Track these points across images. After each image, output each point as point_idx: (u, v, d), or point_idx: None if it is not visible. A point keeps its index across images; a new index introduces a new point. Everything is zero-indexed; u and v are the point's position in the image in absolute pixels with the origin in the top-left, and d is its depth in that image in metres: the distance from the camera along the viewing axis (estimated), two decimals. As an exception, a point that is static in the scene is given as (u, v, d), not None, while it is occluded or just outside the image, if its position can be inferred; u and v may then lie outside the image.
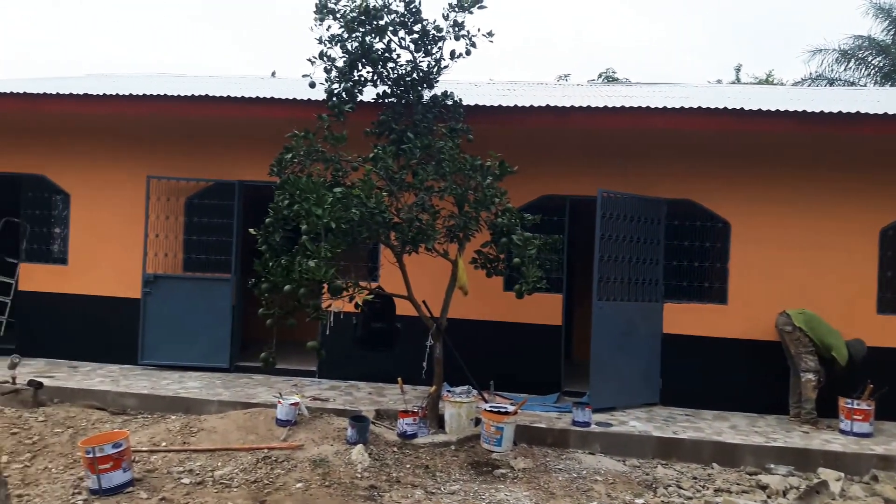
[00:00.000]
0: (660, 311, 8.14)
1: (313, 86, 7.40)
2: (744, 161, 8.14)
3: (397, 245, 6.66)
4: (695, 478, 6.23)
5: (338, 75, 7.41)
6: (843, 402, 7.24)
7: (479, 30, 7.35)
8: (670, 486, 5.95)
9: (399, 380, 7.22)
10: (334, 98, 7.43)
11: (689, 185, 8.19)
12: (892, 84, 19.89)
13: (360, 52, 7.34)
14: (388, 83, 7.67)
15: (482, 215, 6.62)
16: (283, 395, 6.98)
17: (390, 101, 7.70)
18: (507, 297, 8.13)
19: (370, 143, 7.06)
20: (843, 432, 7.16)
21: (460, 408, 6.69)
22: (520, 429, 6.70)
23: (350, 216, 5.76)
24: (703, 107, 7.63)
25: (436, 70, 7.65)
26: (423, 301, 7.01)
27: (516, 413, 6.62)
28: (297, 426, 6.37)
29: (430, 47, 7.54)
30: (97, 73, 14.70)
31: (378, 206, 5.99)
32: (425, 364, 7.46)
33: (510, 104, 7.95)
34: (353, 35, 7.23)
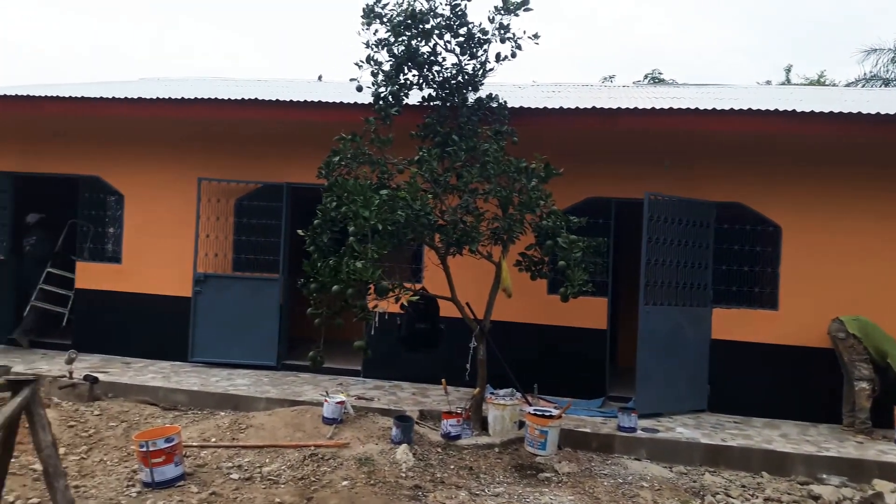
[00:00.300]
0: (708, 316, 8.00)
1: (360, 89, 7.48)
2: (795, 164, 7.96)
3: (441, 247, 6.70)
4: (744, 486, 6.11)
5: (384, 79, 7.48)
6: (900, 412, 7.03)
7: (524, 32, 7.34)
8: (718, 494, 5.85)
9: (443, 381, 7.26)
10: (381, 101, 7.50)
11: (738, 188, 8.04)
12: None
13: (406, 55, 7.40)
14: (434, 86, 7.72)
15: (527, 217, 6.61)
16: (330, 393, 7.07)
17: (435, 103, 7.74)
18: (551, 300, 8.09)
19: (415, 146, 7.11)
20: (899, 443, 6.95)
21: (504, 410, 6.69)
22: (564, 433, 6.67)
23: (396, 218, 5.81)
24: (754, 108, 7.48)
25: (481, 73, 7.66)
26: (467, 303, 7.03)
27: (561, 417, 6.60)
28: (343, 424, 6.46)
29: (475, 50, 7.56)
30: (150, 77, 15.10)
31: (423, 209, 6.03)
32: (468, 366, 7.48)
33: (555, 106, 7.91)
34: (400, 39, 7.29)
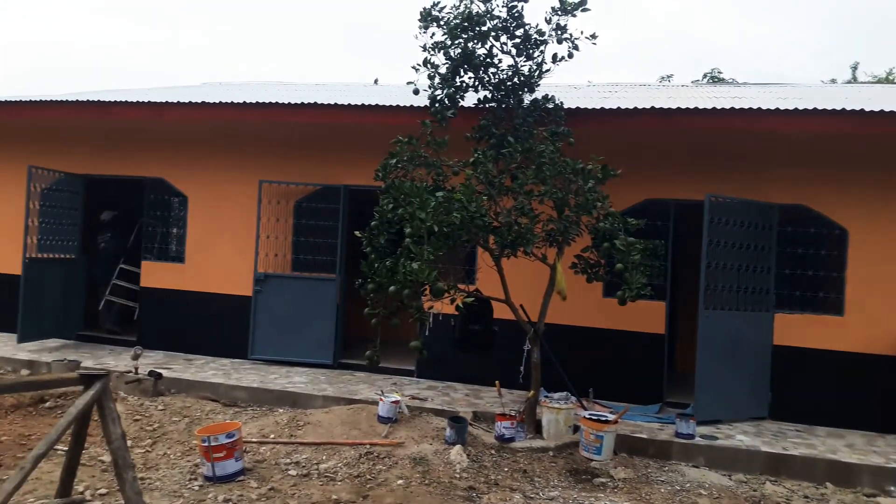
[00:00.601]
0: (770, 322, 7.79)
1: (417, 92, 7.54)
2: (863, 165, 7.68)
3: (496, 248, 6.70)
4: (806, 497, 5.93)
5: (440, 82, 7.53)
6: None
7: (581, 32, 7.30)
8: (780, 503, 5.69)
9: (496, 383, 7.25)
10: (437, 104, 7.55)
11: (802, 190, 7.80)
12: None
13: (462, 58, 7.43)
14: (489, 88, 7.73)
15: (583, 219, 6.56)
16: (385, 392, 7.14)
17: (490, 105, 7.75)
18: (606, 304, 8.01)
19: (470, 148, 7.13)
20: (975, 457, 6.63)
21: (558, 414, 6.65)
22: (620, 438, 6.59)
23: (451, 220, 5.84)
24: (819, 108, 7.26)
25: (537, 74, 7.64)
26: (521, 305, 7.01)
27: (617, 422, 6.52)
28: (398, 424, 6.52)
29: (531, 51, 7.55)
30: (212, 81, 15.52)
31: (478, 210, 6.05)
32: (522, 368, 7.46)
33: (613, 106, 7.83)
34: (456, 41, 7.33)
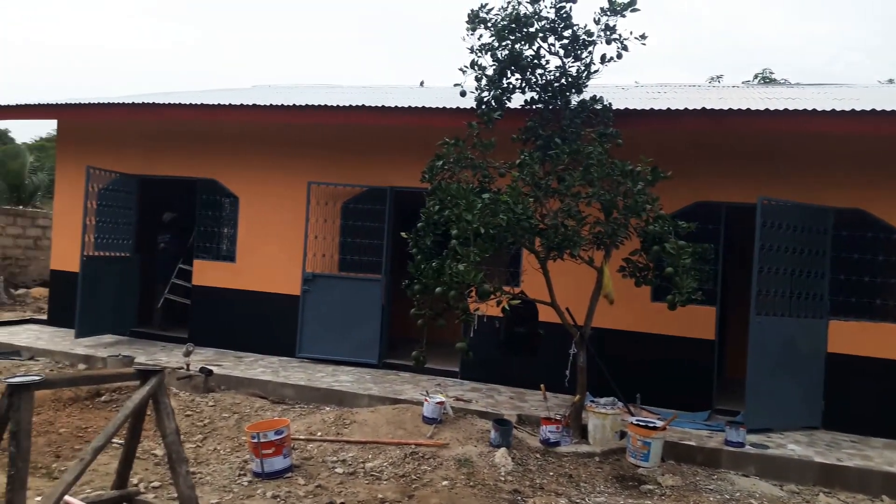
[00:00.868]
0: (824, 329, 7.57)
1: (464, 94, 7.55)
2: (926, 167, 7.42)
3: (542, 251, 6.67)
4: (862, 510, 5.76)
5: (487, 83, 7.53)
6: None
7: (630, 33, 7.22)
8: (834, 516, 5.54)
9: (542, 386, 7.22)
10: (483, 106, 7.55)
11: (859, 194, 7.57)
12: None
13: (509, 59, 7.41)
14: (536, 89, 7.70)
15: (632, 222, 6.48)
16: (430, 393, 7.17)
17: (537, 107, 7.72)
18: (654, 308, 7.90)
19: (516, 150, 7.11)
20: None
21: (605, 419, 6.58)
22: (668, 445, 6.49)
23: (498, 221, 5.84)
24: (878, 109, 7.04)
25: (585, 75, 7.58)
26: (567, 308, 6.96)
27: (665, 429, 6.43)
28: (442, 425, 6.54)
29: (579, 52, 7.49)
30: (262, 84, 15.79)
31: (525, 212, 6.03)
32: (568, 372, 7.40)
33: (662, 107, 7.72)
34: (504, 43, 7.31)
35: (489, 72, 7.51)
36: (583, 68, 7.57)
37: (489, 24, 7.38)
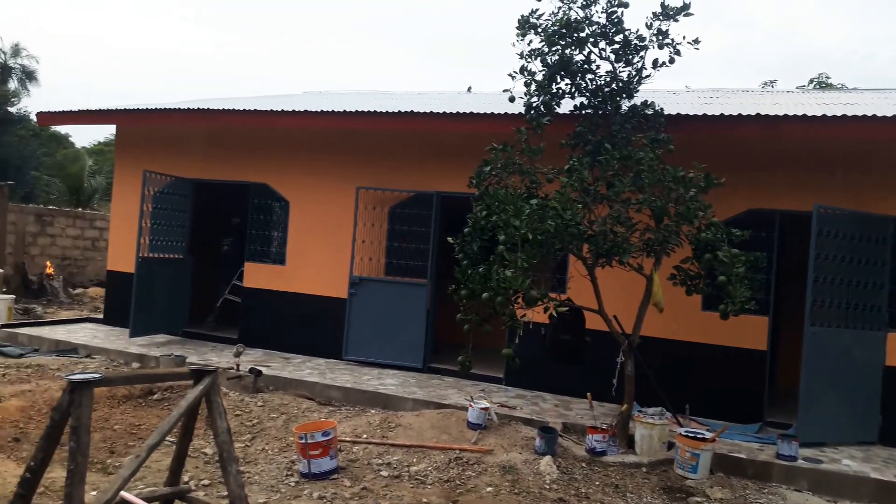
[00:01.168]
0: (882, 341, 7.33)
1: (513, 100, 7.54)
2: None
3: (590, 257, 6.61)
4: (923, 530, 5.55)
5: (537, 89, 7.50)
6: None
7: (683, 37, 7.12)
8: (893, 536, 5.35)
9: (588, 395, 7.15)
10: (532, 111, 7.53)
11: (922, 202, 7.32)
12: None
13: (559, 64, 7.38)
14: (586, 94, 7.64)
15: (683, 229, 6.38)
16: (474, 399, 7.16)
17: (587, 112, 7.66)
18: (705, 317, 7.75)
19: (564, 155, 7.07)
20: None
21: (652, 429, 6.48)
22: (716, 457, 6.36)
23: (546, 227, 5.81)
24: (945, 114, 6.80)
25: (636, 80, 7.50)
26: (614, 316, 6.88)
27: (714, 440, 6.30)
28: (487, 431, 6.52)
29: (630, 57, 7.42)
30: (313, 90, 16.03)
31: (573, 218, 5.99)
32: (615, 381, 7.30)
33: (715, 113, 7.59)
34: (554, 48, 7.29)
35: (539, 77, 7.49)
36: (634, 73, 7.49)
37: (539, 30, 7.36)
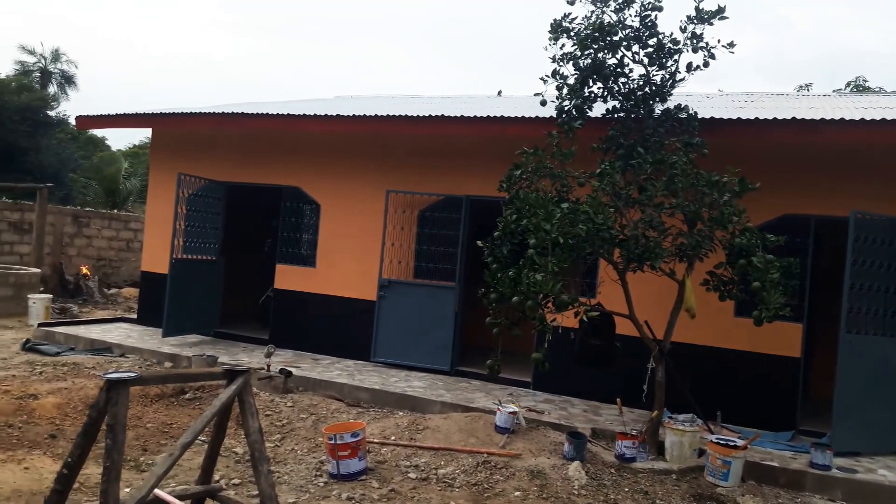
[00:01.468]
0: (921, 350, 7.17)
1: (544, 104, 7.53)
2: None
3: (621, 262, 6.56)
4: (964, 545, 5.40)
5: (569, 92, 7.49)
6: None
7: (718, 41, 7.06)
8: (932, 550, 5.22)
9: (618, 401, 7.09)
10: (564, 115, 7.51)
11: (965, 208, 7.14)
12: None
13: (591, 68, 7.36)
14: (619, 98, 7.61)
15: (717, 234, 6.30)
16: (502, 403, 7.14)
17: (619, 115, 7.62)
18: (737, 323, 7.65)
19: (595, 159, 7.03)
20: None
21: (683, 436, 6.41)
22: (748, 465, 6.26)
23: (577, 231, 5.78)
24: None
25: (669, 83, 7.45)
26: (645, 321, 6.82)
27: (746, 448, 6.20)
28: (515, 435, 6.50)
29: (664, 60, 7.37)
30: (344, 95, 16.16)
31: (605, 222, 5.95)
32: (645, 387, 7.23)
33: (750, 116, 7.49)
34: (586, 52, 7.27)
35: (571, 81, 7.48)
36: (667, 77, 7.44)
37: (572, 34, 7.34)
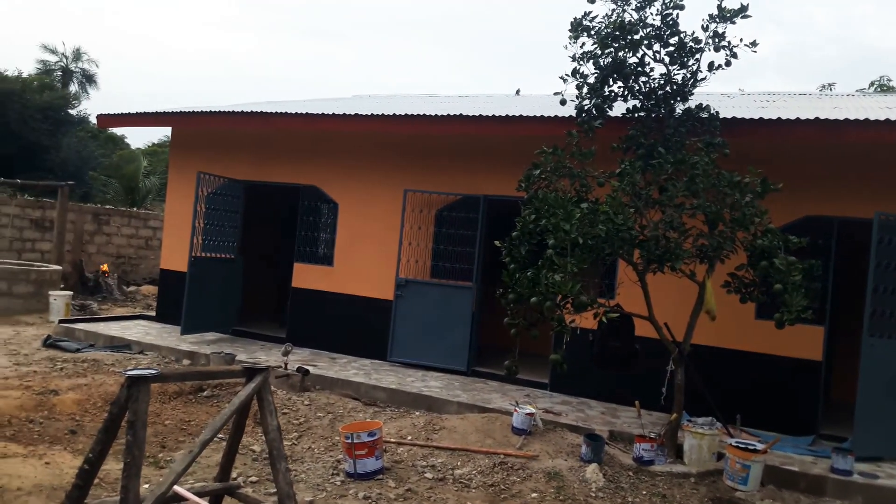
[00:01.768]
0: (947, 355, 7.04)
1: (564, 103, 7.49)
2: None
3: (640, 263, 6.50)
4: None
5: (588, 91, 7.44)
6: None
7: (740, 40, 6.98)
8: (957, 558, 5.13)
9: (636, 403, 7.04)
10: (584, 114, 7.46)
11: None
12: None
13: (612, 67, 7.31)
14: (639, 97, 7.55)
15: (738, 236, 6.23)
16: (519, 404, 7.11)
17: (640, 115, 7.56)
18: (758, 325, 7.56)
19: (615, 159, 6.98)
20: None
21: (702, 439, 6.35)
22: (768, 469, 6.18)
23: (596, 232, 5.74)
24: None
25: (691, 83, 7.38)
26: (665, 323, 6.76)
27: (766, 452, 6.13)
28: (532, 437, 6.47)
29: (685, 60, 7.30)
30: (362, 94, 16.19)
31: (625, 223, 5.91)
32: (664, 389, 7.17)
33: (773, 116, 7.40)
34: (607, 51, 7.22)
35: (591, 80, 7.43)
36: (689, 76, 7.37)
37: (592, 32, 7.30)
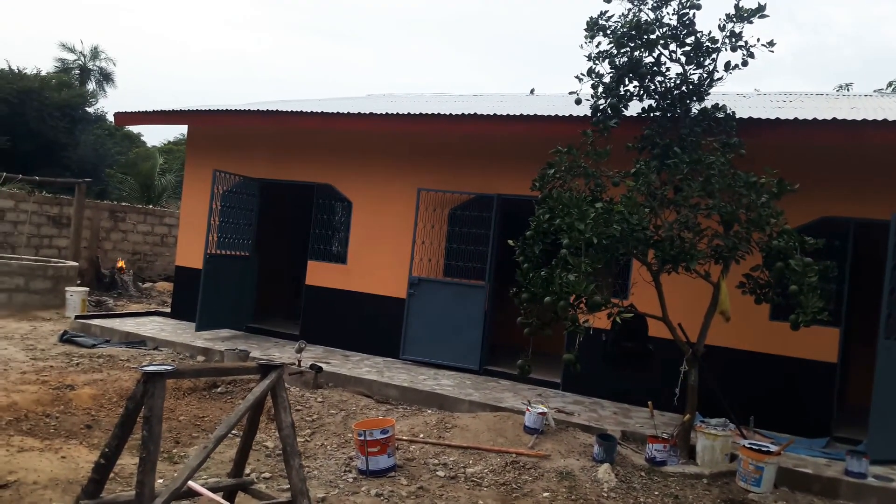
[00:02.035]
0: (964, 358, 6.97)
1: (579, 102, 7.47)
2: None
3: (655, 263, 6.48)
4: None
5: (604, 91, 7.42)
6: None
7: (758, 40, 6.94)
8: (974, 564, 5.08)
9: (649, 403, 7.02)
10: (599, 114, 7.45)
11: None
12: None
13: (628, 66, 7.28)
14: (655, 97, 7.52)
15: (754, 236, 6.20)
16: (531, 403, 7.11)
17: (655, 115, 7.53)
18: (772, 327, 7.51)
19: (630, 159, 6.96)
20: None
21: (715, 441, 6.32)
22: (781, 471, 6.15)
23: (611, 232, 5.73)
24: None
25: (707, 82, 7.34)
26: (679, 324, 6.73)
27: (779, 454, 6.10)
28: (543, 436, 6.47)
29: (701, 59, 7.27)
30: (376, 93, 16.22)
31: (640, 223, 5.89)
32: (677, 390, 7.14)
33: (789, 117, 7.35)
34: (622, 50, 7.20)
35: (606, 79, 7.41)
36: (705, 76, 7.33)
37: (608, 32, 7.28)
